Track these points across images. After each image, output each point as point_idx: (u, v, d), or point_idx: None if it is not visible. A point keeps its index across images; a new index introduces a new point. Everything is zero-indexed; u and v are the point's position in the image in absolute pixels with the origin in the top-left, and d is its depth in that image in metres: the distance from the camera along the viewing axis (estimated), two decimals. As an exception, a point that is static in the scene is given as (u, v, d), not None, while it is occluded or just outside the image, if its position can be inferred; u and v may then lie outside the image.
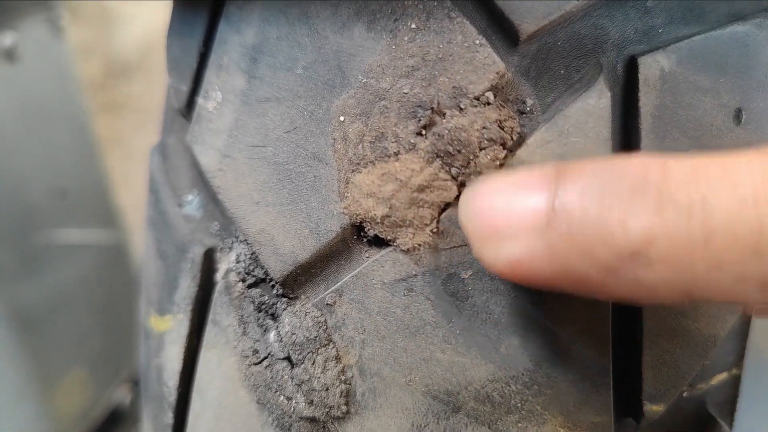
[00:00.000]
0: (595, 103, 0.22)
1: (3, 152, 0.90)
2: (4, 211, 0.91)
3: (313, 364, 0.25)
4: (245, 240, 0.27)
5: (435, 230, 0.23)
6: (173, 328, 0.29)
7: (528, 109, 0.23)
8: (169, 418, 0.30)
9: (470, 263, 0.23)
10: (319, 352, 0.25)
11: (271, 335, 0.26)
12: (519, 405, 0.24)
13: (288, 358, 0.25)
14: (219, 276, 0.28)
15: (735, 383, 0.30)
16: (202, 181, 0.30)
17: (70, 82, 1.05)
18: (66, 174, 1.06)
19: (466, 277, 0.23)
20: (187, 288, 0.28)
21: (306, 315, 0.25)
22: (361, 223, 0.24)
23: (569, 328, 0.23)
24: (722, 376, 0.29)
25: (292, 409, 0.26)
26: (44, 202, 1.00)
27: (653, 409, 0.26)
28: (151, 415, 0.32)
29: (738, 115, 0.24)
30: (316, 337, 0.25)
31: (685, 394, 0.28)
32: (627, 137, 0.24)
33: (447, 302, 0.23)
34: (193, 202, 0.30)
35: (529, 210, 0.17)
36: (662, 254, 0.15)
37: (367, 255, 0.24)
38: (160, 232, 0.30)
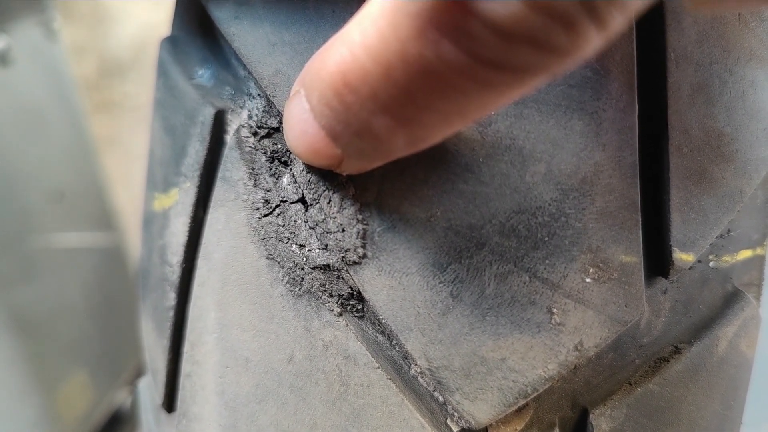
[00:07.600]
0: None
1: (-1, 156, 0.90)
2: (1, 216, 0.90)
3: (329, 202, 0.24)
4: (258, 93, 0.26)
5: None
6: (179, 200, 0.28)
7: None
8: (171, 299, 0.28)
9: (493, 87, 0.23)
10: (336, 189, 0.24)
11: (285, 179, 0.25)
12: (546, 239, 0.23)
13: (302, 200, 0.24)
14: (229, 136, 0.27)
15: (760, 263, 0.29)
16: (213, 56, 0.29)
17: (65, 84, 1.05)
18: (63, 176, 1.05)
19: (490, 101, 0.23)
20: (195, 154, 0.27)
21: (322, 151, 0.24)
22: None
23: (596, 154, 0.23)
24: (747, 253, 0.29)
25: (305, 258, 0.24)
26: (42, 205, 0.99)
27: (682, 257, 0.25)
28: (152, 307, 0.31)
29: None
30: (332, 173, 0.23)
31: (711, 264, 0.27)
32: None
33: (469, 129, 0.23)
34: (204, 75, 0.29)
35: None
36: None
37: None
38: (169, 108, 0.29)
